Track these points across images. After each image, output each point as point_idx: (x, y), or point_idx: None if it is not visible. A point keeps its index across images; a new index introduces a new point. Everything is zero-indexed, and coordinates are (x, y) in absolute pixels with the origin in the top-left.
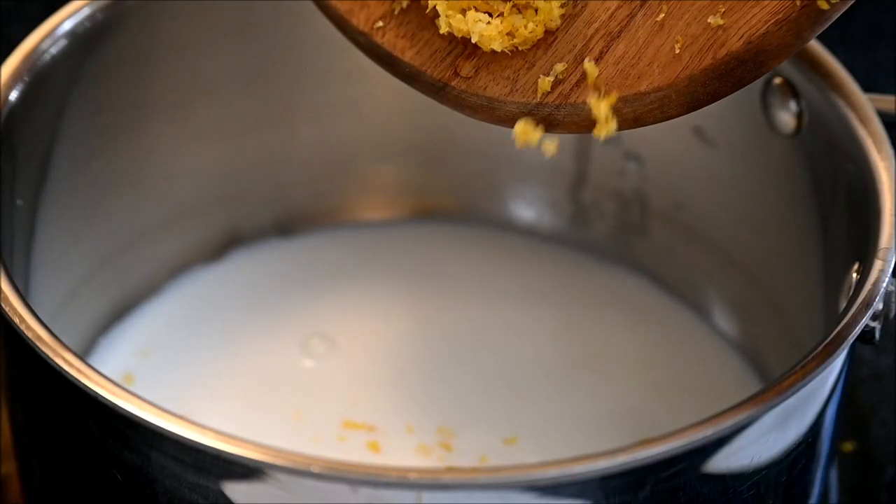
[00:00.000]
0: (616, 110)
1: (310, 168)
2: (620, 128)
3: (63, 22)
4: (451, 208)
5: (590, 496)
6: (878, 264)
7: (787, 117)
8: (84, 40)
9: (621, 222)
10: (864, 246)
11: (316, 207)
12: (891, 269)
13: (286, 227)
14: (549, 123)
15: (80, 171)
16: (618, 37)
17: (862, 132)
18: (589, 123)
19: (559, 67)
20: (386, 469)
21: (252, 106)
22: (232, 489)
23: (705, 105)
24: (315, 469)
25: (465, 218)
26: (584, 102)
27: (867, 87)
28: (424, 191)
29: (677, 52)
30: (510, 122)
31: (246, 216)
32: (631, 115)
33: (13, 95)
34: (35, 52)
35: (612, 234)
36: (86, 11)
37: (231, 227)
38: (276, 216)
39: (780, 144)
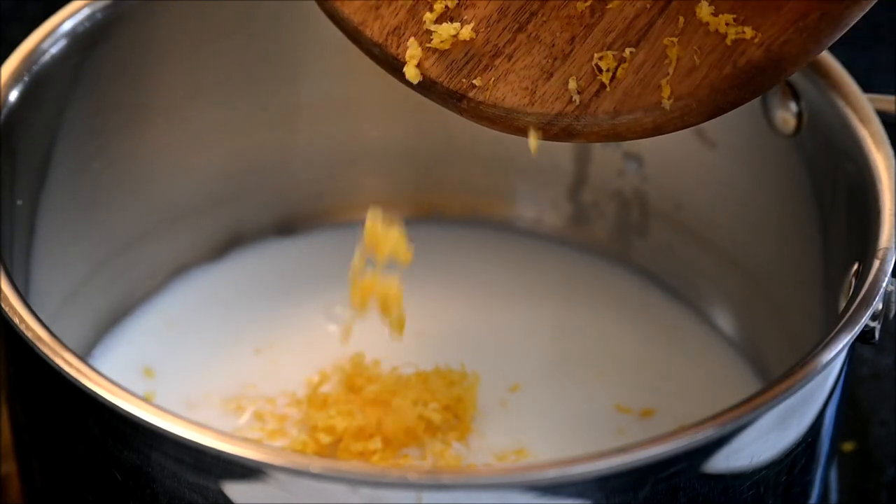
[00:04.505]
0: (636, 120)
1: (310, 168)
2: (640, 136)
3: (63, 22)
4: (451, 208)
5: (590, 496)
6: (877, 264)
7: (787, 117)
8: (84, 40)
9: (621, 222)
10: (864, 246)
11: (316, 207)
12: (890, 269)
13: (286, 227)
14: (567, 133)
15: (80, 171)
16: (636, 46)
17: (862, 132)
18: (609, 133)
19: (572, 83)
20: (385, 469)
21: (252, 106)
22: (232, 489)
23: (725, 113)
24: (314, 469)
25: (464, 218)
26: (604, 112)
27: (867, 87)
28: (424, 191)
29: (697, 62)
30: (528, 133)
31: (246, 216)
32: (651, 125)
33: (13, 95)
34: (35, 52)
35: (612, 234)
36: (86, 11)
37: (231, 227)
38: (276, 216)
39: (780, 144)
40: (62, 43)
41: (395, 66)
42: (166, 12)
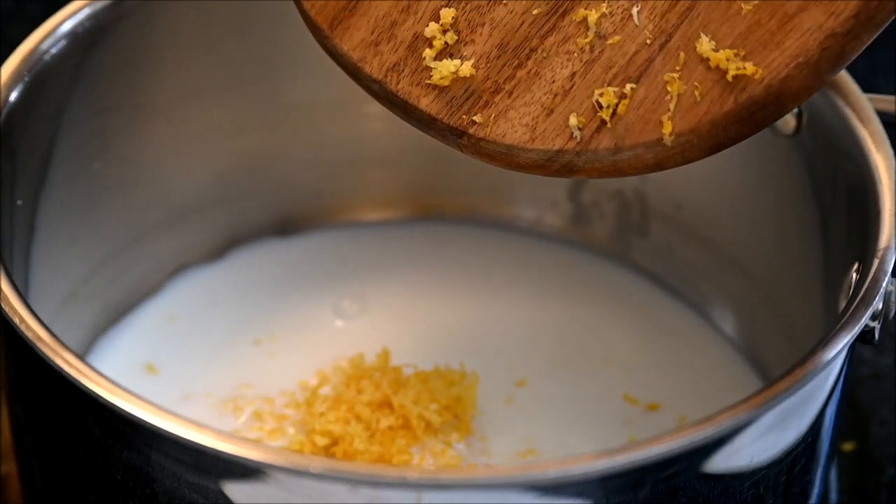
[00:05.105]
0: (637, 156)
1: (310, 168)
2: (641, 172)
3: (63, 22)
4: (452, 208)
5: (590, 496)
6: (877, 264)
7: (787, 117)
8: (84, 40)
9: (621, 222)
10: (864, 246)
11: (316, 207)
12: (890, 269)
13: (286, 227)
14: (568, 170)
15: (80, 171)
16: (637, 82)
17: (862, 132)
18: (610, 169)
19: (573, 119)
20: (385, 469)
21: (252, 106)
22: (232, 489)
23: (726, 147)
24: (314, 469)
25: (465, 218)
26: (605, 149)
27: (867, 87)
28: (425, 191)
29: (698, 97)
30: (529, 169)
31: (246, 216)
32: (652, 161)
33: (13, 95)
34: (35, 52)
35: (612, 234)
36: (86, 11)
37: (231, 227)
38: (276, 216)
39: (780, 144)
40: (62, 43)
41: (394, 103)
42: (166, 12)
